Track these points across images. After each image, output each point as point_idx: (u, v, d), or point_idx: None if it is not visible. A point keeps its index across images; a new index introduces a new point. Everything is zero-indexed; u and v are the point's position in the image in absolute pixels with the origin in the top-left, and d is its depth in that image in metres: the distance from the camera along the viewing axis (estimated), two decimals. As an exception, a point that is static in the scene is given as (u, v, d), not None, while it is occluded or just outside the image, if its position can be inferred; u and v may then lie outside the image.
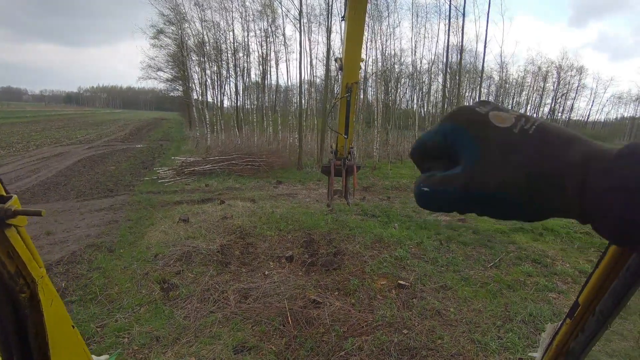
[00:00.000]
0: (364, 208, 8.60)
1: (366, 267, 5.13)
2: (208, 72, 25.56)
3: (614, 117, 61.79)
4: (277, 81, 28.13)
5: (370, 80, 23.95)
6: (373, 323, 3.77)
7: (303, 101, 21.15)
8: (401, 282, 4.63)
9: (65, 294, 4.28)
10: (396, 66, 25.70)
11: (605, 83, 67.00)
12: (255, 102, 28.82)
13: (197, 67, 24.07)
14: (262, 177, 12.65)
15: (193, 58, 23.88)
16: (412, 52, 21.57)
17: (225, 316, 3.88)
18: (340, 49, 4.85)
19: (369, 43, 21.53)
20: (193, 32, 22.56)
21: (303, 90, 21.73)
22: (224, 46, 24.94)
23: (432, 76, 27.04)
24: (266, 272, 5.00)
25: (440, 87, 26.28)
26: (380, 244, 6.09)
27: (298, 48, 15.51)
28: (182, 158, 13.60)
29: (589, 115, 62.06)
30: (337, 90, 19.75)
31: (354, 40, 4.32)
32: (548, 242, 6.66)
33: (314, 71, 22.75)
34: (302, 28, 16.50)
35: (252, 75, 27.54)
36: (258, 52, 24.80)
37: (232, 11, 23.18)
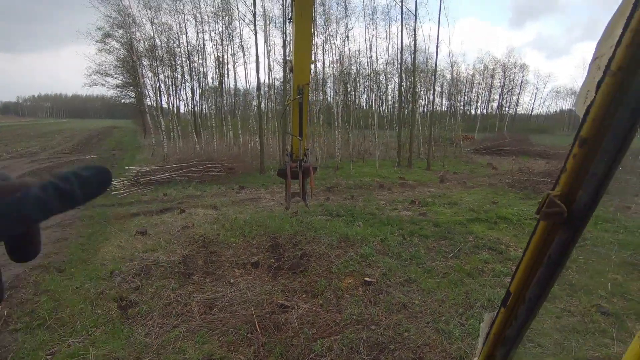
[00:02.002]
0: (328, 208, 8.65)
1: (333, 267, 5.15)
2: (162, 77, 24.61)
3: (554, 110, 66.88)
4: (236, 85, 27.67)
5: (328, 82, 24.20)
6: (341, 322, 3.79)
7: (262, 104, 20.96)
8: (367, 279, 4.70)
9: (8, 323, 3.92)
10: (353, 67, 26.15)
11: (544, 79, 72.58)
12: (214, 107, 28.13)
13: (149, 72, 23.09)
14: (223, 183, 12.35)
15: (144, 63, 22.88)
16: (367, 53, 22.04)
17: (189, 330, 3.74)
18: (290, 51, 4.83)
19: (324, 45, 21.75)
20: (143, 36, 21.62)
21: (262, 93, 21.53)
22: (177, 50, 24.14)
23: (389, 76, 27.79)
24: (231, 280, 4.88)
25: (397, 86, 27.09)
26: (346, 243, 6.15)
27: (255, 51, 15.30)
28: (137, 167, 12.95)
29: (532, 109, 66.83)
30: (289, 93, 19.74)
31: (302, 41, 4.31)
32: (502, 229, 7.06)
33: (273, 73, 22.59)
34: (258, 31, 16.33)
35: (209, 79, 26.88)
36: (214, 55, 24.24)
37: (184, 14, 22.48)
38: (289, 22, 4.76)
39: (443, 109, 38.86)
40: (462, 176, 15.23)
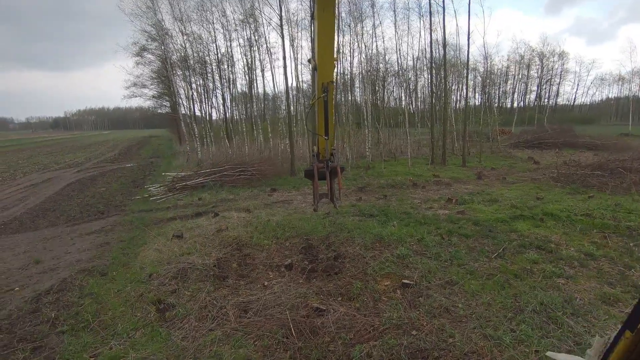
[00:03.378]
0: (360, 208, 8.46)
1: (368, 269, 4.97)
2: (194, 85, 25.43)
3: (599, 99, 62.58)
4: (264, 89, 28.08)
5: (356, 81, 23.96)
6: (380, 327, 3.61)
7: (291, 107, 21.09)
8: (405, 281, 4.48)
9: (55, 325, 4.07)
10: (381, 65, 25.75)
11: (587, 66, 68.06)
12: (244, 112, 28.70)
13: (182, 82, 23.92)
14: (255, 186, 12.47)
15: (178, 73, 23.74)
16: (396, 50, 21.59)
17: (225, 333, 3.70)
18: (313, 50, 4.78)
19: (352, 44, 21.54)
20: (176, 47, 22.42)
21: (291, 96, 21.68)
22: (207, 58, 24.84)
23: (418, 72, 27.11)
24: (265, 283, 4.83)
25: (427, 82, 26.39)
26: (381, 244, 5.94)
27: (282, 54, 15.38)
28: (173, 174, 13.38)
29: (574, 98, 62.87)
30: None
31: (325, 38, 4.22)
32: (549, 227, 6.56)
33: (301, 76, 22.69)
34: (285, 34, 16.42)
35: (239, 85, 27.46)
36: (243, 61, 24.74)
37: (213, 22, 23.10)
38: (312, 19, 4.68)
39: (477, 104, 37.40)
40: (500, 172, 14.49)
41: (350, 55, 22.19)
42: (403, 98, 25.65)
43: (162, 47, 21.07)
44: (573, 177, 11.18)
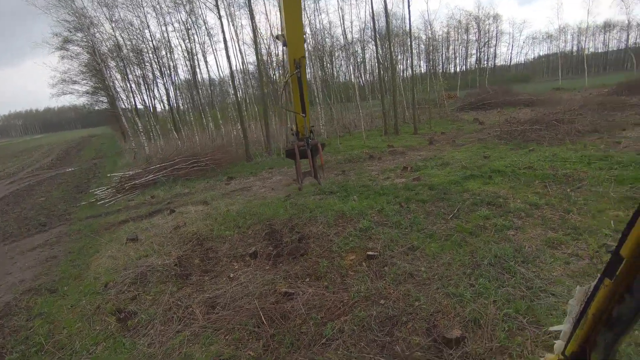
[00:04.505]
0: (320, 187, 8.46)
1: (333, 246, 5.00)
2: (131, 76, 23.69)
3: (532, 57, 66.68)
4: (209, 75, 26.72)
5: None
6: (349, 301, 3.67)
7: (239, 91, 20.34)
8: (370, 252, 4.56)
9: (2, 354, 3.71)
10: (327, 40, 25.42)
11: (519, 26, 71.91)
12: (190, 101, 27.35)
13: (117, 74, 22.17)
14: (211, 176, 12.04)
15: (110, 64, 21.93)
16: (341, 23, 21.32)
17: (193, 333, 3.58)
18: (280, 25, 4.61)
19: (295, 20, 20.99)
20: (104, 36, 20.59)
21: (237, 79, 20.87)
22: (143, 46, 23.12)
23: (364, 45, 27.14)
24: (231, 275, 4.71)
25: (373, 54, 26.53)
26: (343, 220, 5.99)
27: (222, 37, 14.62)
28: (120, 173, 12.54)
29: (510, 59, 66.51)
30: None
31: (292, 12, 4.10)
32: (497, 183, 6.96)
33: (245, 58, 21.83)
34: (223, 14, 15.58)
35: (181, 73, 26.01)
36: (182, 46, 23.29)
37: (143, 7, 21.38)
38: None
39: (423, 71, 38.40)
40: (450, 135, 15.11)
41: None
42: (352, 72, 25.66)
43: (88, 37, 19.26)
44: (514, 134, 11.91)
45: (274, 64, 18.88)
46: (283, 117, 16.68)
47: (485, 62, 62.05)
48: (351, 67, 26.09)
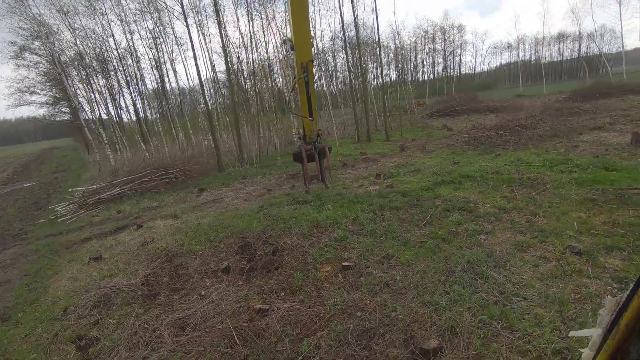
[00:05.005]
0: (294, 196, 8.36)
1: (308, 258, 4.91)
2: (95, 86, 22.77)
3: (495, 66, 69.92)
4: (178, 84, 26.02)
5: (276, 67, 23.46)
6: (325, 315, 3.58)
7: (210, 100, 19.98)
8: (345, 263, 4.51)
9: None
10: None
11: (482, 36, 75.29)
12: (159, 111, 26.58)
13: (79, 84, 21.24)
14: (181, 188, 11.67)
15: (72, 74, 20.98)
16: (312, 31, 21.48)
17: (162, 357, 3.36)
18: (289, 30, 4.75)
19: (266, 29, 20.88)
20: (64, 45, 19.69)
21: (208, 88, 20.51)
22: (107, 55, 22.33)
23: (335, 54, 27.44)
24: (202, 292, 4.51)
25: (344, 63, 26.86)
26: (318, 230, 5.92)
27: (191, 45, 14.32)
28: (82, 188, 11.90)
29: (475, 67, 69.49)
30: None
31: (299, 18, 4.10)
32: (467, 188, 7.13)
33: (215, 66, 21.51)
34: (191, 23, 15.32)
35: (148, 82, 25.28)
36: (149, 55, 22.68)
37: (106, 14, 20.68)
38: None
39: (393, 79, 39.28)
40: (421, 142, 15.45)
41: (265, 41, 21.61)
42: (323, 80, 25.86)
43: (48, 46, 18.35)
44: (481, 139, 12.32)
45: (245, 73, 18.72)
46: (255, 127, 16.50)
47: (452, 70, 64.58)
48: (322, 76, 26.29)
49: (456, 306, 3.38)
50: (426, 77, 62.76)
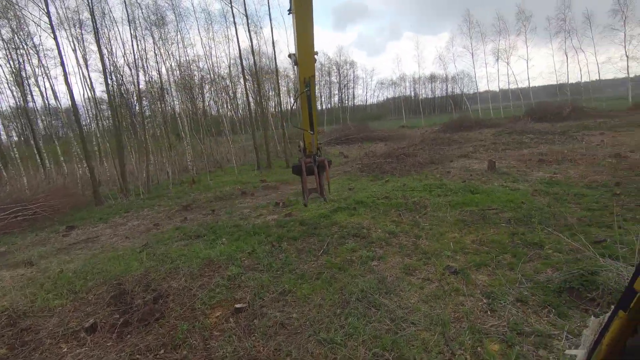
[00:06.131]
0: (185, 230, 7.64)
1: (196, 302, 4.38)
2: None
3: (382, 99, 78.26)
4: (47, 102, 22.16)
5: (172, 90, 22.03)
6: (212, 372, 3.14)
7: (92, 122, 17.57)
8: (238, 305, 4.13)
9: None
10: (196, 73, 24.56)
11: (370, 73, 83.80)
12: (20, 132, 22.42)
13: None
14: (43, 227, 9.71)
15: None
16: (205, 58, 20.85)
17: None
18: (293, 44, 4.64)
19: (157, 51, 19.56)
20: None
21: (85, 109, 18.11)
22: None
23: (236, 80, 27.18)
24: (55, 363, 3.60)
25: (243, 90, 26.68)
26: (210, 268, 5.40)
27: (62, 61, 12.41)
28: None
29: (366, 99, 76.71)
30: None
31: (303, 33, 4.11)
32: (361, 214, 7.45)
33: (93, 85, 19.20)
34: (64, 35, 13.39)
35: (4, 99, 21.21)
36: (6, 69, 19.10)
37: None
38: (289, 14, 4.44)
39: (293, 108, 40.48)
40: (319, 169, 15.94)
41: (157, 63, 20.18)
42: (221, 105, 25.21)
43: None
44: (372, 166, 13.29)
45: (134, 95, 17.04)
46: (143, 153, 14.97)
47: (347, 101, 70.04)
48: (221, 101, 25.67)
49: (351, 341, 3.31)
50: (324, 107, 66.67)
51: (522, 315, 3.46)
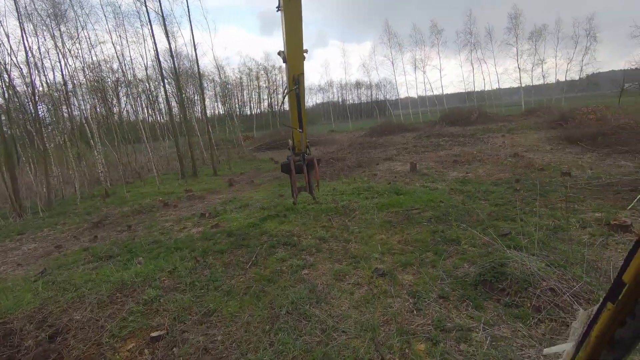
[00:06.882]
0: (95, 251, 6.77)
1: (104, 336, 3.81)
2: None
3: (312, 104, 79.56)
4: None
5: (78, 92, 19.68)
6: (121, 417, 2.72)
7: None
8: (154, 333, 3.68)
9: None
10: (109, 74, 22.37)
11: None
12: None
13: None
14: None
15: None
16: (118, 58, 19.02)
17: None
18: (282, 41, 4.11)
19: (60, 49, 17.30)
20: None
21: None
22: None
23: (156, 83, 25.34)
24: None
25: (163, 94, 24.99)
26: (123, 293, 4.79)
27: None
28: None
29: (296, 104, 77.35)
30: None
31: (292, 30, 4.04)
32: (291, 221, 7.31)
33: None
34: None
35: None
36: None
37: None
38: (277, 11, 4.27)
39: (221, 112, 39.15)
40: (249, 175, 15.50)
41: (60, 62, 17.86)
42: (140, 110, 23.27)
43: None
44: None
45: (36, 97, 14.79)
46: (42, 164, 13.06)
47: (276, 106, 69.69)
48: (139, 106, 23.70)
49: (281, 358, 3.13)
50: (253, 112, 65.61)
51: (445, 311, 3.61)
